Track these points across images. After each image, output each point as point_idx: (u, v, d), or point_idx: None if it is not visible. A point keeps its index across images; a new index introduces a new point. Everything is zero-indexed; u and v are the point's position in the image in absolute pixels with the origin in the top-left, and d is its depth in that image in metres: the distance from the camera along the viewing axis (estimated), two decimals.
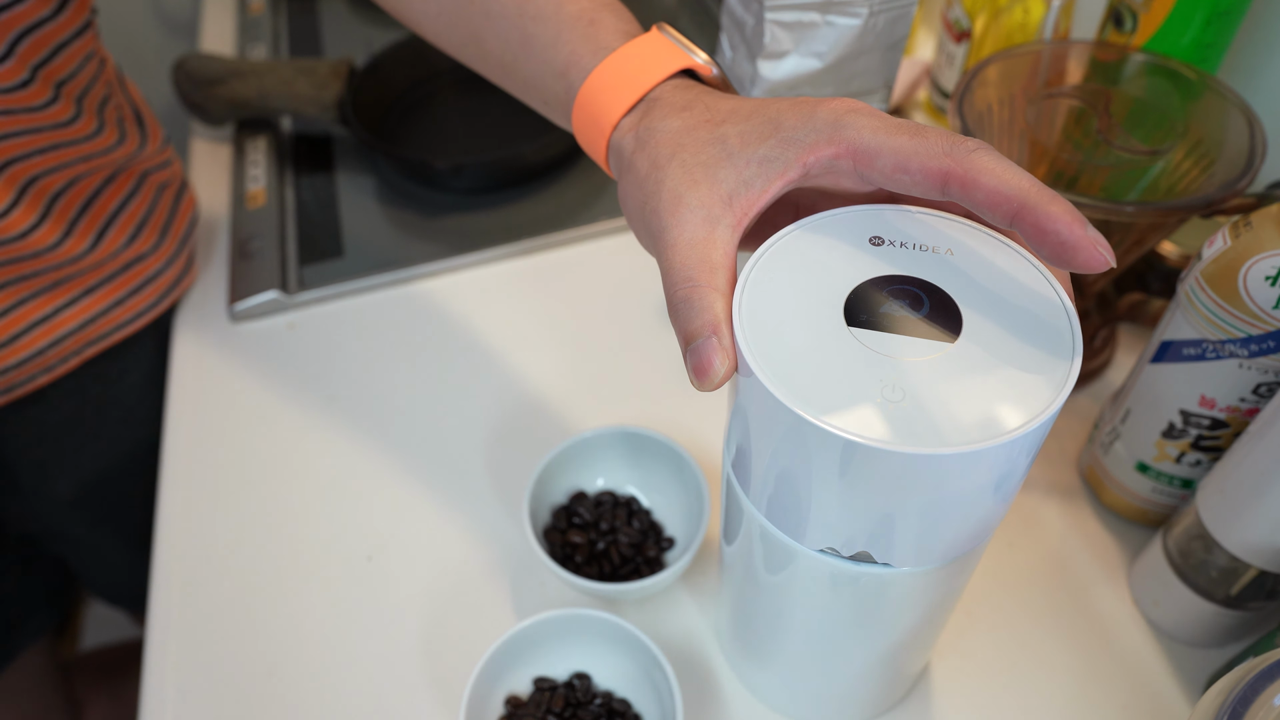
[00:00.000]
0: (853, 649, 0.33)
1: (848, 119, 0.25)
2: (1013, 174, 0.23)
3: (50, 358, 0.50)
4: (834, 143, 0.25)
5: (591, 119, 0.30)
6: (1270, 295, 0.33)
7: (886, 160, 0.24)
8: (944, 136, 0.24)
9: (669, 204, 0.26)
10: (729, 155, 0.26)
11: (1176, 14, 0.47)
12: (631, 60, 0.29)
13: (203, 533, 0.45)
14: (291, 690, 0.40)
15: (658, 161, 0.27)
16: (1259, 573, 0.35)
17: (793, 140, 0.25)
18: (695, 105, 0.28)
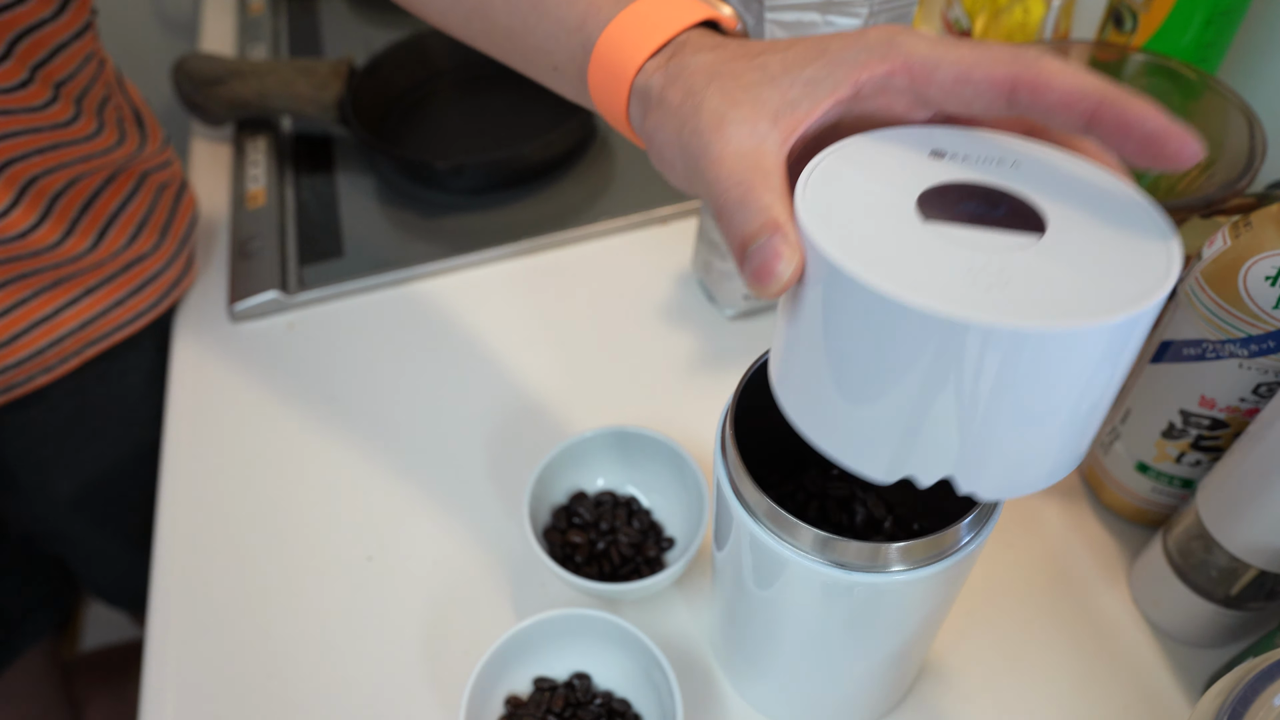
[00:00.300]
0: (847, 657, 0.32)
1: (900, 37, 0.23)
2: (1085, 75, 0.21)
3: (50, 357, 0.50)
4: (888, 59, 0.23)
5: (612, 67, 0.28)
6: (1270, 295, 0.33)
7: (947, 71, 0.23)
8: (1005, 46, 0.23)
9: (710, 123, 0.24)
10: (771, 78, 0.24)
11: (1176, 14, 0.47)
12: (654, 8, 0.28)
13: (203, 533, 0.45)
14: (291, 690, 0.40)
15: (693, 89, 0.25)
16: (1259, 573, 0.35)
17: (842, 60, 0.24)
18: (728, 44, 0.26)
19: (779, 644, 0.33)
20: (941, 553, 0.27)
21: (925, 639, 0.33)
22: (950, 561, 0.28)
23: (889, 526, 0.37)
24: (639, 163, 0.65)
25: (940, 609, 0.31)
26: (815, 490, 0.37)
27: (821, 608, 0.29)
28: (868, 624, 0.30)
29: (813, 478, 0.38)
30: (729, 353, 0.52)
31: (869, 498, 0.37)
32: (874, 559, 0.27)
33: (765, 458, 0.34)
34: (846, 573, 0.27)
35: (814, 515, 0.37)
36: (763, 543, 0.28)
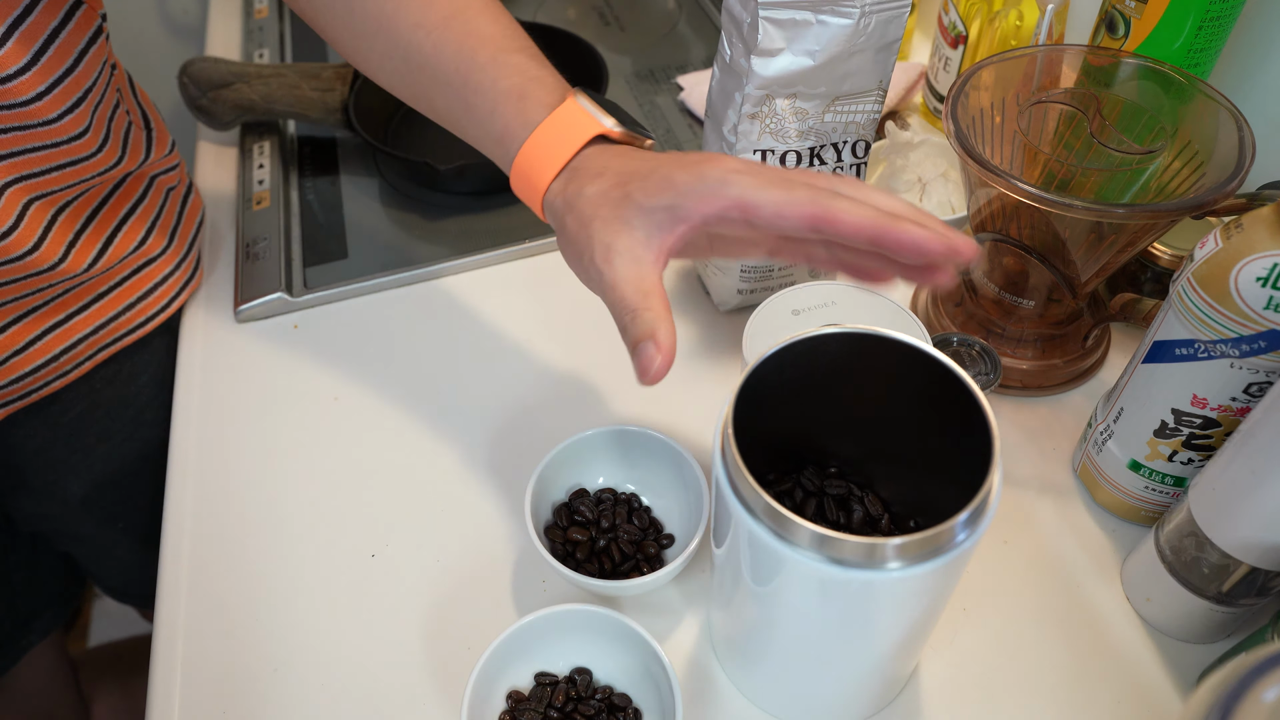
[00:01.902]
0: (844, 653, 0.33)
1: (731, 178, 0.31)
2: (865, 208, 0.29)
3: (64, 363, 0.51)
4: (720, 198, 0.31)
5: (527, 183, 0.36)
6: (1261, 296, 0.33)
7: (766, 210, 0.31)
8: (808, 186, 0.30)
9: (601, 254, 0.33)
10: (638, 209, 0.33)
11: (1168, 19, 0.47)
12: (553, 133, 0.36)
13: (210, 530, 0.46)
14: (296, 685, 0.40)
15: (584, 222, 0.33)
16: (1250, 569, 0.35)
17: (688, 193, 0.32)
18: (607, 171, 0.34)
19: (776, 639, 0.33)
20: (937, 550, 0.28)
21: (921, 635, 0.33)
22: (946, 559, 0.28)
23: (885, 524, 0.37)
24: None
25: (936, 605, 0.31)
26: (813, 488, 0.38)
27: (819, 604, 0.30)
28: (864, 620, 0.30)
29: (810, 475, 0.38)
30: (729, 349, 0.53)
31: (866, 496, 0.38)
32: (870, 556, 0.27)
33: (763, 455, 0.34)
34: (843, 569, 0.27)
35: (812, 513, 0.37)
36: (761, 540, 0.28)
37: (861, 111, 0.46)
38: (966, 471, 0.30)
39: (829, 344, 0.32)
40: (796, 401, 0.34)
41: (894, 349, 0.31)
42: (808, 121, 0.45)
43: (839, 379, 0.33)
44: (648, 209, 0.32)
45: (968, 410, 0.30)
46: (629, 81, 0.73)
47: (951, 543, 0.28)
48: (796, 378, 0.33)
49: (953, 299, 0.53)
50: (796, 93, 0.43)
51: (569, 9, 0.82)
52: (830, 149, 0.47)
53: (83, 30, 0.45)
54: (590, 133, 0.35)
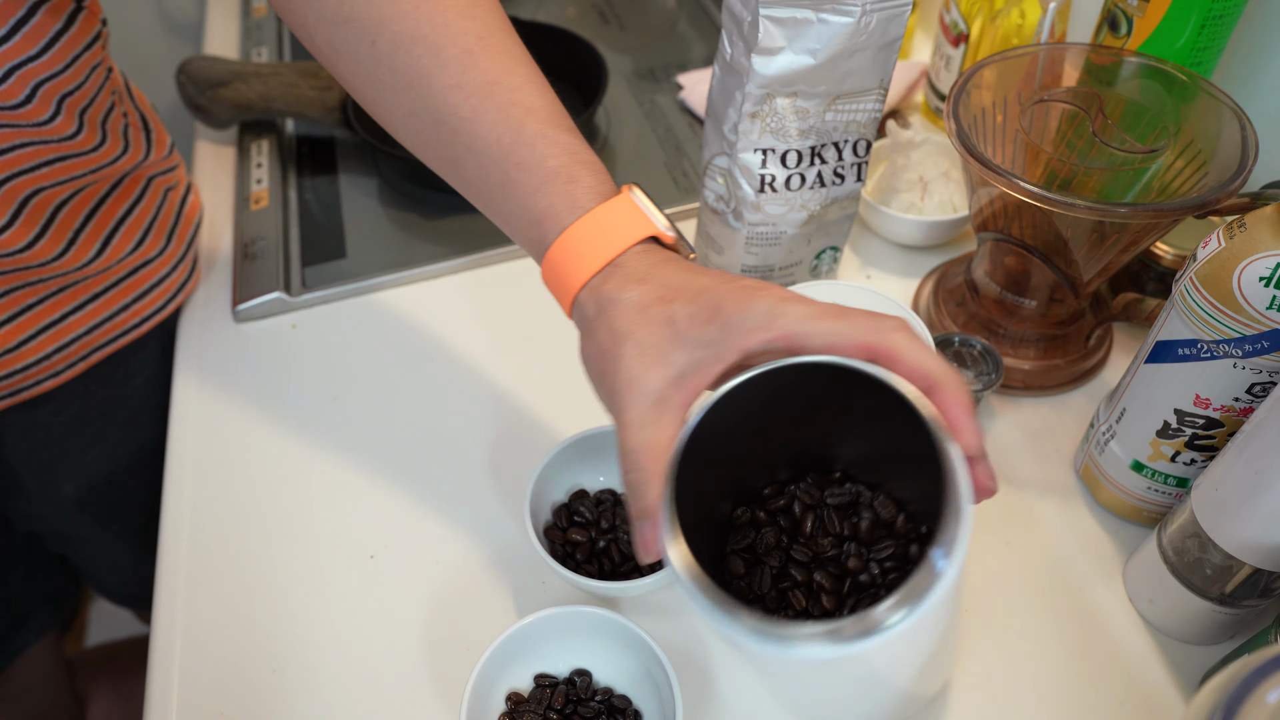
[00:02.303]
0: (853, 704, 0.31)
1: (780, 308, 0.29)
2: (926, 355, 0.28)
3: (57, 362, 0.51)
4: (769, 329, 0.29)
5: (561, 274, 0.33)
6: (1264, 296, 0.33)
7: (817, 342, 0.29)
8: (866, 317, 0.29)
9: (625, 383, 0.30)
10: (678, 338, 0.30)
11: (1171, 18, 0.47)
12: (602, 224, 0.32)
13: (207, 531, 0.46)
14: (294, 687, 0.40)
15: (617, 337, 0.31)
16: (1253, 571, 0.35)
17: (733, 326, 0.29)
18: (651, 279, 0.31)
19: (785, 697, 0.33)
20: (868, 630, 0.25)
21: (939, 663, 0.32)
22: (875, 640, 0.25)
23: (900, 525, 0.34)
24: (639, 165, 0.65)
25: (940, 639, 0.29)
26: (812, 500, 0.35)
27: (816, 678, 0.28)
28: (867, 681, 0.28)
29: (808, 486, 0.35)
30: None
31: (877, 498, 0.34)
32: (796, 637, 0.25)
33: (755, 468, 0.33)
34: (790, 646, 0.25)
35: (812, 528, 0.34)
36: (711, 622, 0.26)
37: (863, 110, 0.45)
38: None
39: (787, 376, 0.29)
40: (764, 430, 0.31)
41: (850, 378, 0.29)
42: (808, 120, 0.45)
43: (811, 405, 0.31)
44: (689, 341, 0.29)
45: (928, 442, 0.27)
46: (629, 80, 0.72)
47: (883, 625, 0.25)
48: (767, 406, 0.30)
49: (954, 298, 0.52)
50: (797, 91, 0.43)
51: (569, 7, 0.82)
52: (831, 148, 0.46)
53: (84, 34, 0.44)
54: (643, 232, 0.32)
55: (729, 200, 0.49)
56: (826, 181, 0.48)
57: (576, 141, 0.35)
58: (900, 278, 0.56)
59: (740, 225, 0.49)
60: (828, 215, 0.50)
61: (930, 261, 0.57)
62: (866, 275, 0.57)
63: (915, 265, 0.57)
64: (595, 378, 0.32)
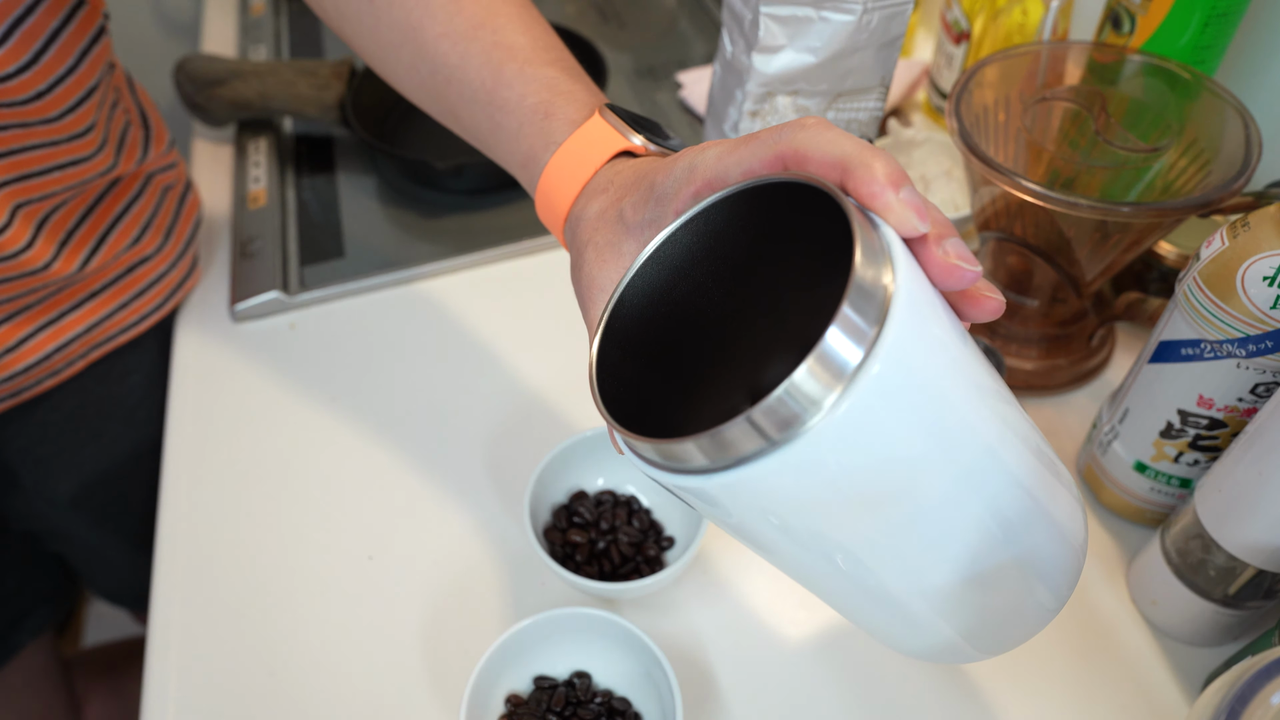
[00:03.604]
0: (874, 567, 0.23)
1: (698, 157, 0.27)
2: (837, 141, 0.24)
3: (56, 362, 0.50)
4: (692, 182, 0.27)
5: (550, 211, 0.33)
6: (1268, 295, 0.33)
7: (734, 173, 0.26)
8: (771, 129, 0.26)
9: (588, 287, 0.29)
10: (626, 228, 0.29)
11: (1174, 16, 0.47)
12: (575, 151, 0.32)
13: (204, 532, 0.45)
14: (292, 688, 0.40)
15: (579, 248, 0.30)
16: (1257, 572, 0.35)
17: (664, 195, 0.28)
18: (610, 187, 0.31)
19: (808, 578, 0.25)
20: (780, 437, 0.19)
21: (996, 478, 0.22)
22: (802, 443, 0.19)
23: None
24: None
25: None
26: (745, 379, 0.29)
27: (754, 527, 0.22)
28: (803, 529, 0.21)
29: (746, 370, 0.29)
30: None
31: None
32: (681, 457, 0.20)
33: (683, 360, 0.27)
34: (698, 478, 0.20)
35: None
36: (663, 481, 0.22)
37: (864, 109, 0.45)
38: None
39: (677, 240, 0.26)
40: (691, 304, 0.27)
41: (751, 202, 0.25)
42: None
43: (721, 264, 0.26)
44: (636, 227, 0.29)
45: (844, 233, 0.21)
46: (629, 79, 0.72)
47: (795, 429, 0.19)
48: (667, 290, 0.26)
49: None
50: (798, 90, 0.43)
51: (568, 5, 0.81)
52: None
53: (84, 30, 0.44)
54: (612, 148, 0.32)
55: None
56: None
57: (557, 74, 0.34)
58: None
59: None
60: None
61: None
62: None
63: None
64: (577, 295, 0.31)
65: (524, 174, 0.34)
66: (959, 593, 0.23)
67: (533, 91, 0.34)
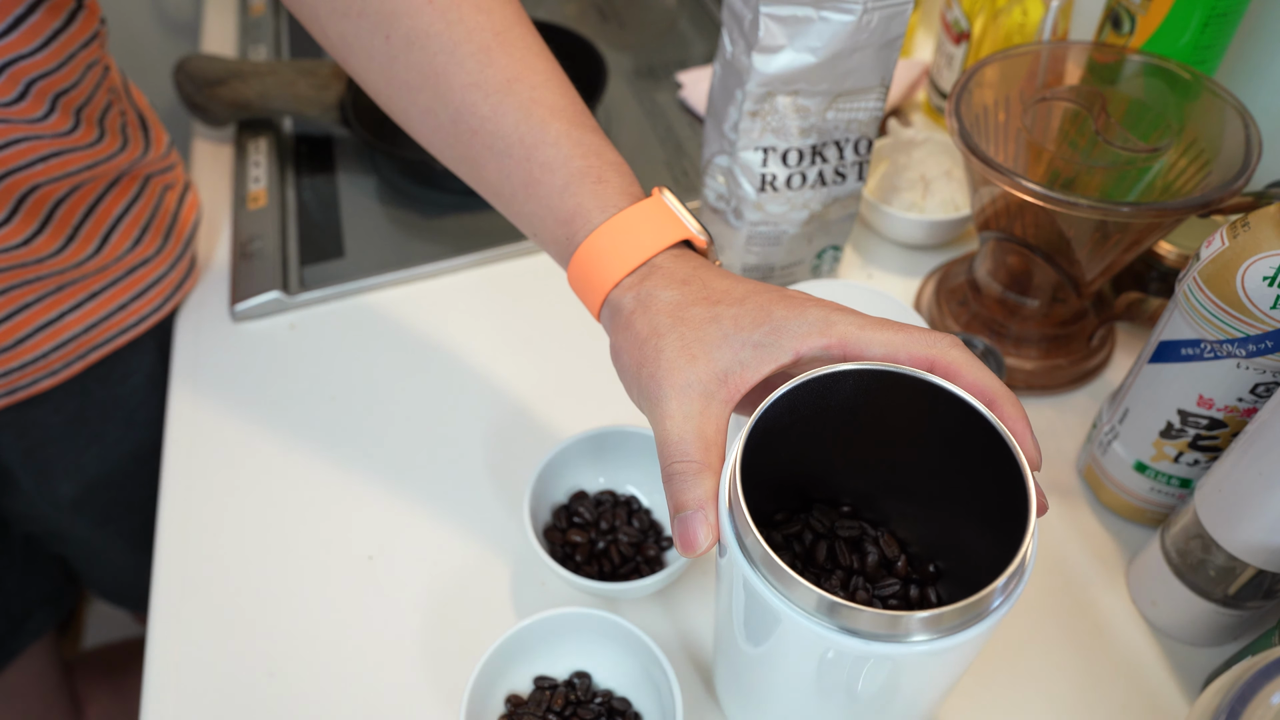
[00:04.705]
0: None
1: (835, 315, 0.29)
2: (984, 372, 0.28)
3: (54, 361, 0.51)
4: (826, 335, 0.28)
5: (592, 272, 0.32)
6: (1268, 295, 0.33)
7: (876, 350, 0.28)
8: (922, 331, 0.28)
9: (667, 373, 0.28)
10: (724, 336, 0.29)
11: (1174, 16, 0.47)
12: (635, 224, 0.32)
13: (204, 532, 0.45)
14: (292, 689, 0.40)
15: (658, 329, 0.29)
16: (1257, 572, 0.35)
17: (785, 330, 0.28)
18: (693, 280, 0.31)
19: (772, 697, 0.31)
20: (973, 618, 0.24)
21: (944, 695, 0.31)
22: (980, 628, 0.25)
23: (902, 567, 0.34)
24: (639, 164, 0.65)
25: (963, 669, 0.29)
26: (823, 529, 0.35)
27: (822, 674, 0.27)
28: (879, 692, 0.27)
29: (820, 515, 0.35)
30: None
31: (881, 535, 0.34)
32: (892, 628, 0.24)
33: (769, 494, 0.32)
34: (859, 641, 0.24)
35: (823, 557, 0.34)
36: (760, 596, 0.26)
37: (864, 109, 0.45)
38: (993, 513, 0.28)
39: (844, 381, 0.29)
40: (808, 439, 0.31)
41: (915, 388, 0.29)
42: (809, 119, 0.44)
43: (855, 417, 0.30)
44: (737, 341, 0.28)
45: (996, 453, 0.27)
46: (629, 79, 0.72)
47: (987, 609, 0.25)
48: (808, 416, 0.30)
49: (956, 298, 0.52)
50: (798, 90, 0.43)
51: (568, 5, 0.81)
52: (832, 146, 0.46)
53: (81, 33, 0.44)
54: (678, 234, 0.32)
55: (729, 199, 0.48)
56: (828, 180, 0.48)
57: (601, 142, 0.34)
58: (902, 277, 0.56)
59: (741, 224, 0.49)
60: (829, 214, 0.50)
61: (932, 261, 0.57)
62: (868, 274, 0.57)
63: (917, 264, 0.57)
64: (631, 370, 0.30)
65: (560, 231, 0.33)
66: None
67: (580, 155, 0.33)
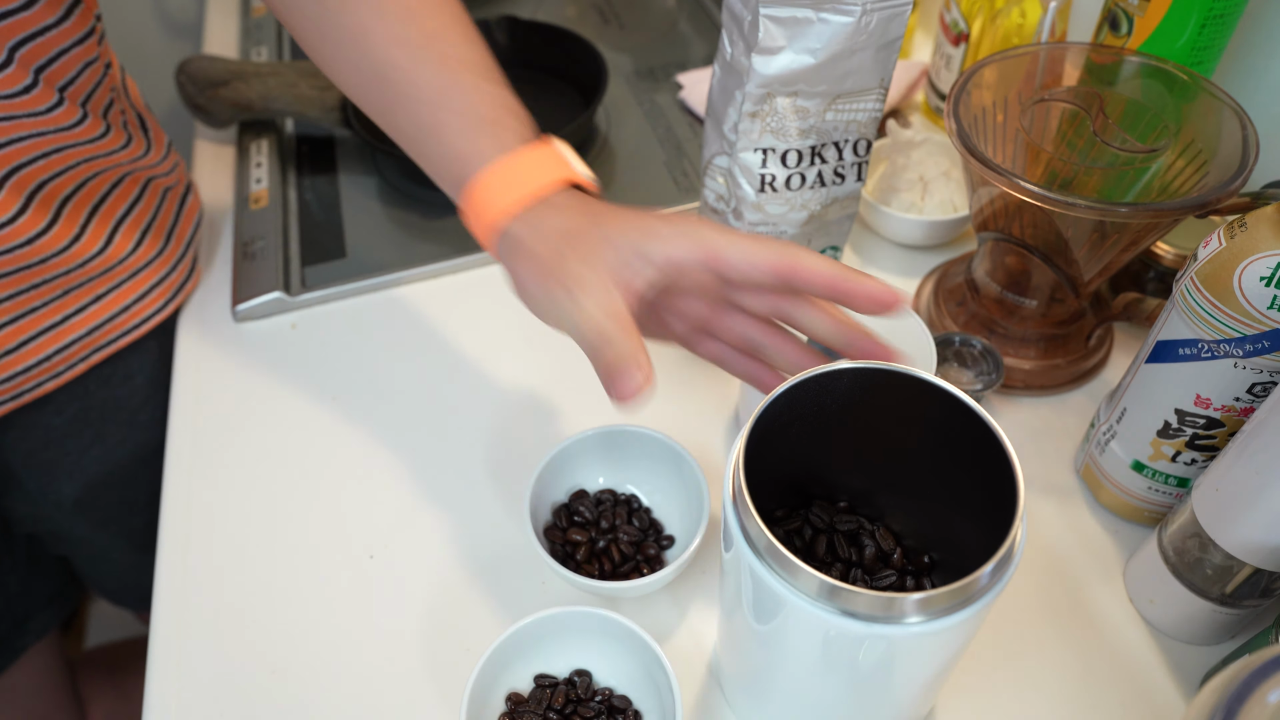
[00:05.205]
0: (852, 702, 0.31)
1: (704, 229, 0.33)
2: (828, 263, 0.32)
3: (57, 364, 0.51)
4: (697, 244, 0.33)
5: (485, 204, 0.36)
6: (1265, 295, 0.33)
7: (735, 257, 0.33)
8: (773, 240, 0.33)
9: (575, 281, 0.33)
10: (612, 245, 0.33)
11: (1171, 17, 0.47)
12: (528, 164, 0.36)
13: (206, 531, 0.46)
14: (294, 687, 0.40)
15: (558, 250, 0.34)
16: (1254, 571, 0.35)
17: (662, 237, 0.33)
18: (582, 209, 0.35)
19: (779, 684, 0.32)
20: (962, 601, 0.26)
21: (941, 679, 0.32)
22: (971, 610, 0.26)
23: (898, 559, 0.36)
24: (639, 165, 0.65)
25: (958, 653, 0.30)
26: (822, 524, 0.36)
27: (825, 654, 0.28)
28: (878, 672, 0.28)
29: (819, 511, 0.37)
30: None
31: (877, 530, 0.36)
32: (888, 610, 0.26)
33: (771, 491, 0.33)
34: (857, 622, 0.26)
35: (823, 551, 0.36)
36: (766, 585, 0.27)
37: (863, 110, 0.45)
38: (984, 504, 0.29)
39: (841, 380, 0.31)
40: (806, 437, 0.33)
41: (908, 384, 0.30)
42: (809, 120, 0.45)
43: (850, 414, 0.32)
44: (619, 246, 0.33)
45: (987, 447, 0.29)
46: (629, 80, 0.72)
47: (977, 592, 0.26)
48: (807, 414, 0.32)
49: (955, 298, 0.52)
50: (797, 91, 0.43)
51: (569, 7, 0.82)
52: (831, 147, 0.46)
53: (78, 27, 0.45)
54: (568, 175, 0.36)
55: (729, 200, 0.49)
56: (827, 181, 0.48)
57: (508, 95, 0.38)
58: (901, 277, 0.56)
59: (740, 225, 0.49)
60: (828, 215, 0.50)
61: (930, 261, 0.57)
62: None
63: (916, 265, 0.57)
64: (536, 289, 0.34)
65: (456, 165, 0.37)
66: None
67: (486, 104, 0.37)
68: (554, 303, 0.33)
